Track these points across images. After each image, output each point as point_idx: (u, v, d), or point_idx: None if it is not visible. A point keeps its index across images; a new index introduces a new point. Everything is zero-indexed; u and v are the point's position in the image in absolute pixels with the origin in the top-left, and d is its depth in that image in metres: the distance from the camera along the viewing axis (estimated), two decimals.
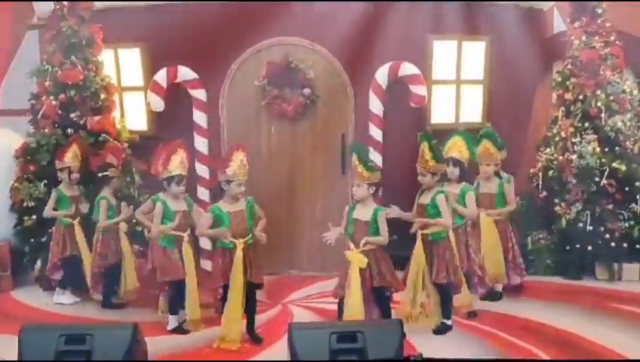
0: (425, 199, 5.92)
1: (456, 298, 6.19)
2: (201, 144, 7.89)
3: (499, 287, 6.98)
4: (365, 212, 5.59)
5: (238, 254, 5.59)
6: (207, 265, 6.99)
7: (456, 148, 6.39)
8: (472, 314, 6.40)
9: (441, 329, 5.95)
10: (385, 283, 5.59)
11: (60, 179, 7.18)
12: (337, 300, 5.72)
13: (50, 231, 7.22)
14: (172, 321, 6.18)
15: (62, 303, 7.05)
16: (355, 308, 5.41)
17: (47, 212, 7.10)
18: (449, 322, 6.04)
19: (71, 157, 7.12)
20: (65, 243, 7.04)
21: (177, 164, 6.09)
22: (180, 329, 6.15)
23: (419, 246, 5.84)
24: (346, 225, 5.66)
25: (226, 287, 5.69)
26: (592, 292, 7.32)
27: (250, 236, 5.68)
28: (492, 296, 6.88)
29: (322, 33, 7.88)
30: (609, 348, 5.57)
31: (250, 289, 5.76)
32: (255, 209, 5.81)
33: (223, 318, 5.70)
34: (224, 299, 5.72)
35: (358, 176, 5.57)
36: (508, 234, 6.96)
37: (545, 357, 5.42)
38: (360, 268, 5.46)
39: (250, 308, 5.83)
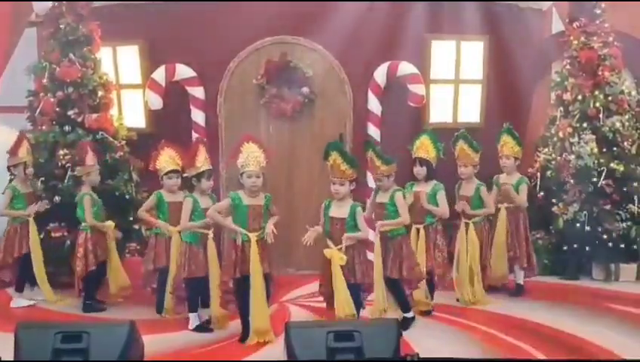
0: (383, 198, 5.98)
1: (415, 293, 6.24)
2: None
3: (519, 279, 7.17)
4: (341, 209, 5.61)
5: (254, 248, 5.57)
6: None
7: (423, 147, 6.41)
8: (426, 313, 6.41)
9: (403, 325, 5.80)
10: (360, 281, 5.63)
11: (13, 176, 7.10)
12: (325, 299, 5.78)
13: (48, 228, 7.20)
14: (193, 319, 6.20)
15: (22, 306, 6.92)
16: (346, 303, 5.45)
17: (1, 211, 6.95)
18: (410, 315, 6.06)
19: (25, 152, 7.04)
20: (20, 241, 6.91)
21: (203, 159, 6.20)
22: (202, 328, 6.16)
23: (377, 244, 5.86)
24: (323, 224, 5.67)
25: (236, 280, 5.67)
26: (589, 292, 7.33)
27: (262, 231, 5.66)
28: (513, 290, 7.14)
29: (321, 32, 7.87)
30: (606, 348, 5.57)
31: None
32: (272, 205, 5.80)
33: (252, 314, 5.65)
34: (238, 292, 5.71)
35: (341, 175, 5.54)
36: (486, 235, 6.94)
37: (541, 356, 5.42)
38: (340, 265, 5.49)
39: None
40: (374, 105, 7.98)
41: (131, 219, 7.49)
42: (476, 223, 6.78)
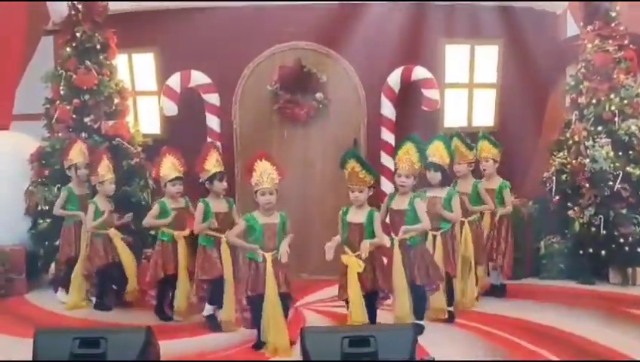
0: (401, 204, 5.92)
1: (433, 301, 6.24)
2: None
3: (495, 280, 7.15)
4: (359, 215, 5.61)
5: (269, 268, 5.56)
6: None
7: (437, 153, 6.35)
8: (448, 320, 6.36)
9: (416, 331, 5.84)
10: (377, 287, 5.63)
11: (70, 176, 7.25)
12: (344, 302, 5.76)
13: None
14: (208, 308, 6.29)
15: (64, 301, 7.12)
16: (358, 312, 5.47)
17: (57, 210, 7.17)
18: (422, 323, 6.02)
19: (75, 153, 7.16)
20: (77, 242, 7.06)
21: (214, 162, 6.23)
22: (213, 320, 6.24)
23: (397, 251, 5.81)
24: (341, 231, 5.67)
25: (250, 298, 5.69)
26: (605, 296, 7.28)
27: (276, 251, 5.64)
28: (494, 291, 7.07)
29: (335, 37, 7.90)
30: (622, 352, 5.52)
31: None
32: (287, 224, 5.77)
33: (269, 333, 5.63)
34: (253, 311, 5.73)
35: (360, 182, 5.55)
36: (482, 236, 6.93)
37: (556, 360, 5.39)
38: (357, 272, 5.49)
39: None
40: (388, 110, 7.99)
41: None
42: (471, 222, 6.75)
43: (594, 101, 7.97)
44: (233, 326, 6.21)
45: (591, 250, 7.70)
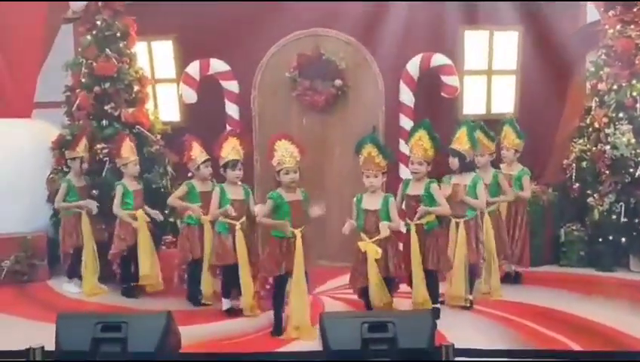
0: (417, 190, 5.92)
1: (454, 289, 6.28)
2: None
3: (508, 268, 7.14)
4: (374, 201, 5.63)
5: (299, 244, 5.62)
6: None
7: (458, 139, 6.33)
8: (467, 307, 6.36)
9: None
10: (392, 274, 5.67)
11: (68, 169, 7.36)
12: (355, 291, 5.83)
13: None
14: (225, 303, 6.36)
15: (70, 291, 7.19)
16: (383, 293, 5.53)
17: (59, 203, 7.22)
18: (437, 306, 6.01)
19: (82, 148, 7.26)
20: (78, 233, 7.15)
21: (230, 149, 6.26)
22: (232, 311, 6.31)
23: (414, 236, 5.82)
24: (356, 218, 5.68)
25: (278, 277, 5.74)
26: (626, 284, 7.25)
27: (304, 226, 5.71)
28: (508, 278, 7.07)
29: (353, 24, 7.88)
30: None
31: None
32: (310, 200, 5.82)
33: (292, 310, 5.69)
34: (278, 288, 5.77)
35: (375, 167, 5.58)
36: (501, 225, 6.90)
37: (577, 348, 5.38)
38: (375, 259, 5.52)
39: None
40: (407, 96, 7.96)
41: (167, 211, 7.57)
42: (491, 212, 6.71)
43: (615, 87, 7.90)
44: (254, 311, 6.26)
45: (611, 238, 7.66)
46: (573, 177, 8.02)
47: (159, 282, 6.96)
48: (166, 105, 8.58)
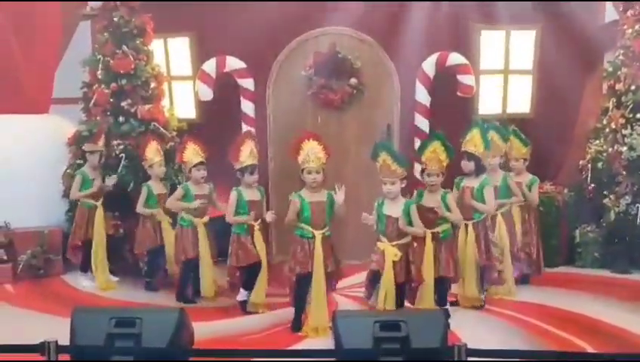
0: (432, 202, 5.85)
1: (467, 291, 6.30)
2: None
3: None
4: (395, 207, 5.61)
5: (318, 245, 5.64)
6: None
7: (472, 141, 6.27)
8: (479, 307, 6.38)
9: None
10: (409, 279, 5.65)
11: (84, 161, 7.43)
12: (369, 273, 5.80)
13: None
14: (242, 294, 6.38)
15: (85, 287, 7.24)
16: (390, 299, 5.51)
17: (75, 194, 7.29)
18: (447, 307, 5.98)
19: (103, 142, 7.34)
20: (87, 227, 7.21)
21: (248, 154, 6.26)
22: (246, 304, 6.34)
23: (429, 243, 5.78)
24: (377, 222, 5.68)
25: (298, 276, 5.74)
26: None
27: (327, 228, 5.72)
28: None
29: (369, 23, 7.88)
30: None
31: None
32: (335, 203, 5.79)
33: (311, 310, 5.72)
34: (299, 288, 5.78)
35: (391, 174, 5.54)
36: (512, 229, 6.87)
37: (592, 350, 5.36)
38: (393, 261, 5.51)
39: None
40: (422, 95, 7.94)
41: None
42: (504, 214, 6.71)
43: (632, 88, 7.84)
44: (261, 309, 6.32)
45: (627, 239, 7.61)
46: (589, 178, 7.97)
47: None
48: (182, 102, 8.61)
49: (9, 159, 7.82)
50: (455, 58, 7.82)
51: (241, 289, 6.40)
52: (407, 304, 5.79)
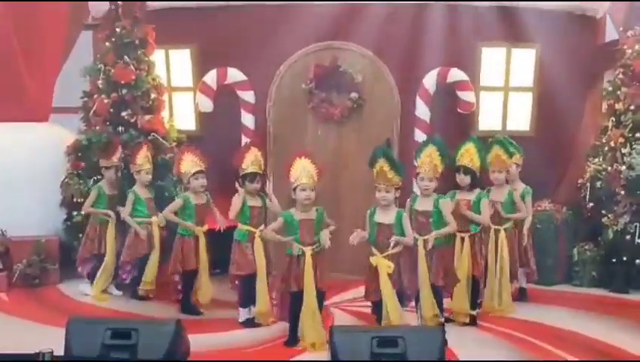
0: (425, 205, 5.88)
1: (456, 304, 6.29)
2: None
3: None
4: (387, 216, 5.59)
5: (308, 261, 5.62)
6: None
7: (467, 155, 6.30)
8: (470, 323, 6.36)
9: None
10: (402, 288, 5.62)
11: (101, 176, 7.42)
12: (370, 303, 5.81)
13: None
14: (243, 314, 6.35)
15: (86, 293, 7.24)
16: (395, 310, 5.47)
17: (87, 208, 7.30)
18: (442, 320, 5.97)
19: (118, 156, 7.34)
20: (100, 240, 7.22)
21: (249, 162, 6.25)
22: (251, 322, 6.30)
23: (422, 252, 5.76)
24: (369, 231, 5.67)
25: (290, 294, 5.73)
26: (638, 306, 7.18)
27: (317, 245, 5.71)
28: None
29: (371, 37, 7.90)
30: None
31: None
32: (324, 218, 5.80)
33: (304, 328, 5.70)
34: (292, 304, 5.76)
35: (387, 182, 5.53)
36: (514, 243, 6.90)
37: None
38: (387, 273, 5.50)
39: None
40: (423, 111, 7.95)
41: None
42: (507, 229, 6.70)
43: (632, 107, 7.84)
44: (267, 319, 6.28)
45: (625, 258, 7.59)
46: (588, 196, 7.96)
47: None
48: (182, 113, 8.61)
49: (7, 166, 7.81)
50: (455, 74, 7.83)
51: (240, 309, 6.37)
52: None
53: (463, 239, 6.26)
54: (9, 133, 8.06)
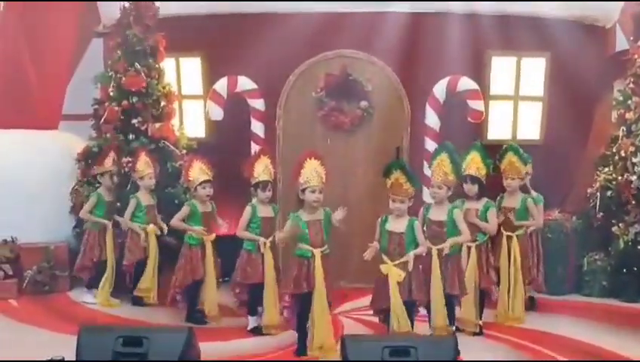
0: (439, 215, 5.91)
1: (465, 313, 6.26)
2: None
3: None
4: (399, 224, 5.60)
5: (318, 263, 5.62)
6: None
7: (473, 165, 6.31)
8: (477, 333, 6.33)
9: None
10: (413, 297, 5.60)
11: (99, 184, 7.48)
12: (376, 314, 5.82)
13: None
14: (251, 322, 6.37)
15: (86, 302, 7.26)
16: (403, 319, 5.46)
17: (84, 214, 7.32)
18: (453, 328, 5.99)
19: (111, 162, 7.37)
20: (99, 248, 7.25)
21: (261, 170, 6.28)
22: (258, 330, 6.30)
23: (435, 261, 5.78)
24: (379, 239, 5.67)
25: (299, 297, 5.72)
26: None
27: (326, 247, 5.72)
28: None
29: (381, 46, 7.90)
30: None
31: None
32: (331, 219, 5.79)
33: (315, 329, 5.66)
34: (300, 308, 5.75)
35: (402, 193, 5.54)
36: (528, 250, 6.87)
37: None
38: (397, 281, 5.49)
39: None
40: (432, 119, 7.95)
41: None
42: (519, 236, 6.68)
43: None
44: (275, 330, 6.26)
45: (636, 268, 7.56)
46: (598, 206, 7.93)
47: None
48: (192, 121, 8.64)
49: (17, 173, 7.83)
50: (466, 83, 7.83)
51: (249, 318, 6.39)
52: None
53: (469, 248, 6.25)
54: (19, 141, 8.11)
